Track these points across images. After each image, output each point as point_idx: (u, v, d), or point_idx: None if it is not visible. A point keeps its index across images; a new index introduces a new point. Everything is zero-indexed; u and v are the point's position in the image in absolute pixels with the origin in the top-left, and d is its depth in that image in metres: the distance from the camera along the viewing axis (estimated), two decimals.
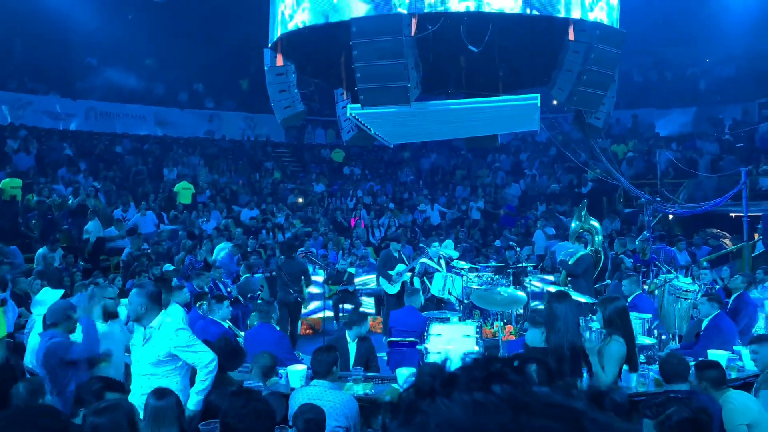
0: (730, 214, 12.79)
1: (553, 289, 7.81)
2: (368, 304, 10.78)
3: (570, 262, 8.41)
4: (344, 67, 7.56)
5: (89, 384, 3.51)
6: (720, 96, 19.04)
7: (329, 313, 10.31)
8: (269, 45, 7.20)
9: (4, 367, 4.64)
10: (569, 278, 8.27)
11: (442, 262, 9.48)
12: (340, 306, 10.44)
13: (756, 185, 13.50)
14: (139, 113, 20.50)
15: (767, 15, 17.02)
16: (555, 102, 12.31)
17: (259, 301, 9.26)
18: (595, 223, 8.65)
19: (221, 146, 20.89)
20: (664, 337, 7.39)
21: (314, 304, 10.12)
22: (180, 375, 4.17)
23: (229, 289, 9.15)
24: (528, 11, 5.98)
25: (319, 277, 9.77)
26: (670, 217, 13.10)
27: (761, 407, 4.04)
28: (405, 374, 4.90)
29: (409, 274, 9.44)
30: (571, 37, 6.32)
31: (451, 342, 6.13)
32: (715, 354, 5.61)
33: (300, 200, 17.54)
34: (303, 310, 9.55)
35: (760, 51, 18.55)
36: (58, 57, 19.33)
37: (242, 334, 6.75)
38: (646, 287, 8.13)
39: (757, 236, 11.41)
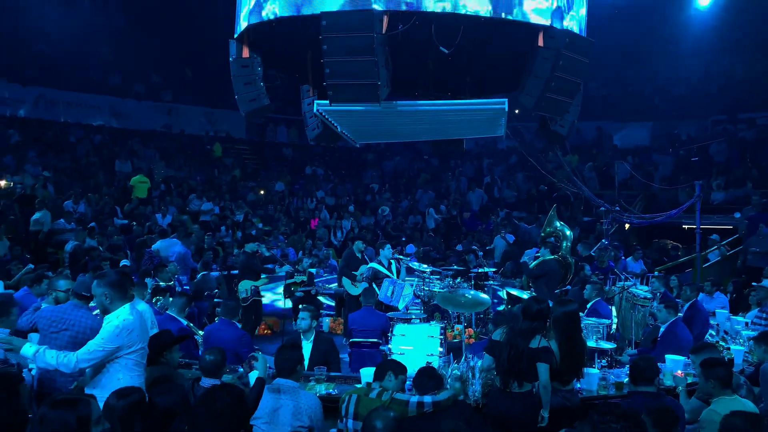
0: (683, 226, 13.20)
1: (514, 292, 7.86)
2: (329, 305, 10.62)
3: (531, 266, 8.50)
4: (311, 62, 7.42)
5: None
6: (675, 112, 19.72)
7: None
8: (235, 36, 7.00)
9: None
10: (530, 282, 8.33)
11: (393, 267, 9.08)
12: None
13: (708, 199, 13.94)
14: (92, 103, 19.76)
15: (717, 41, 17.86)
16: (517, 111, 12.42)
17: (216, 300, 9.00)
18: (564, 229, 8.72)
19: (180, 141, 20.33)
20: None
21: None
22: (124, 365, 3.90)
23: (185, 286, 8.84)
24: (503, 15, 6.01)
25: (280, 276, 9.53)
26: (627, 227, 13.41)
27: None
28: (369, 374, 4.79)
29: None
30: (541, 43, 6.38)
31: (414, 343, 6.07)
32: (673, 359, 5.72)
33: (262, 192, 17.35)
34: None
35: (711, 73, 19.54)
36: (7, 41, 18.43)
37: (201, 332, 6.51)
38: (604, 294, 8.24)
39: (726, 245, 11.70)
